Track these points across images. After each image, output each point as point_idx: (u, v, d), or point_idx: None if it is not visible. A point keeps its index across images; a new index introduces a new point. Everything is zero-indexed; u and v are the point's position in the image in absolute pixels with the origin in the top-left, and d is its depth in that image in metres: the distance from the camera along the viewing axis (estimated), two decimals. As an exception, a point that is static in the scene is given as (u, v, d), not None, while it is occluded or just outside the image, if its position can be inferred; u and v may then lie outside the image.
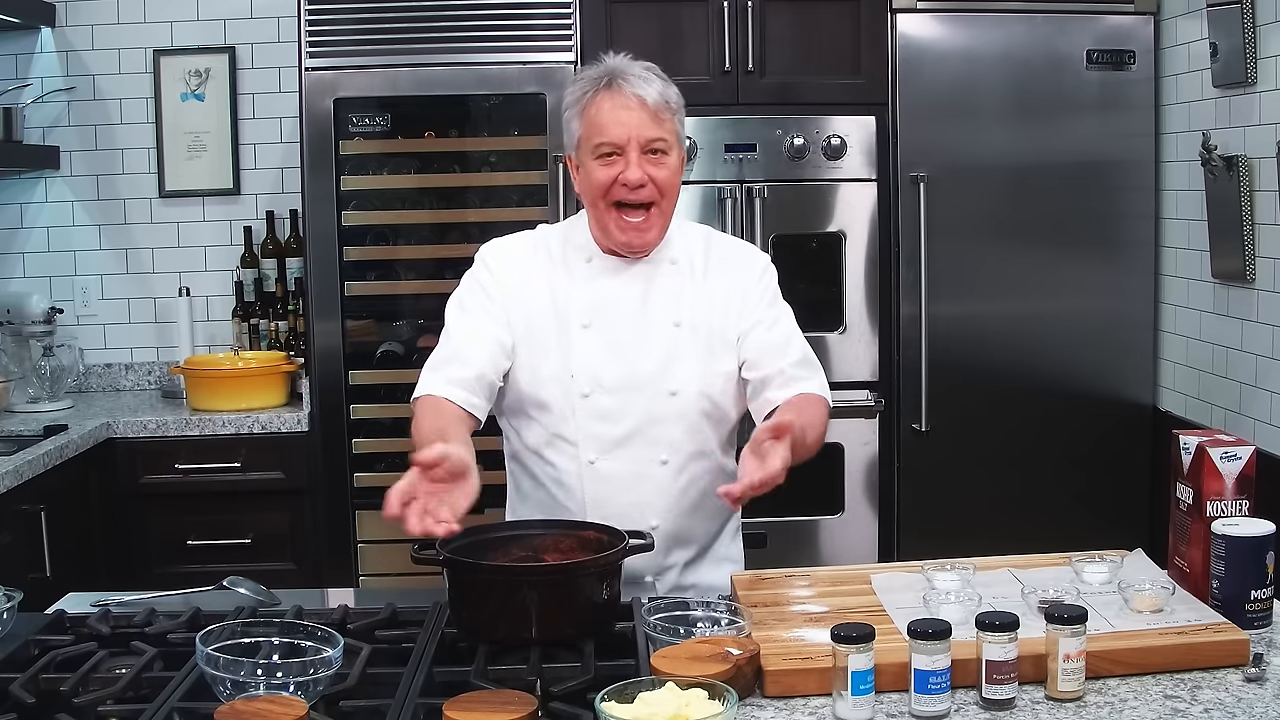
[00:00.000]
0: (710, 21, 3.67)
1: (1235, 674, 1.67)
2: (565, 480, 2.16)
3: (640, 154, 2.08)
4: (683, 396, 2.14)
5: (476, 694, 1.52)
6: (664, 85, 2.12)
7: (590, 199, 2.14)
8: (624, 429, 2.13)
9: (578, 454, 2.14)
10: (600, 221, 2.15)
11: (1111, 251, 3.80)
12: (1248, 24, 3.19)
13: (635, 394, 2.13)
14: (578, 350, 2.13)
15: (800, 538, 3.77)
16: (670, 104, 2.11)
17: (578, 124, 2.13)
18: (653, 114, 2.08)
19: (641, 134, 2.08)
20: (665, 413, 2.14)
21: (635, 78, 2.10)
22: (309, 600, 2.06)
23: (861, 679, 1.55)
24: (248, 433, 3.72)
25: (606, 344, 2.14)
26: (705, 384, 2.15)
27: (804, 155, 3.69)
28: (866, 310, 3.75)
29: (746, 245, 2.36)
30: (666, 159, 2.11)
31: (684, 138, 2.18)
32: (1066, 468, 3.80)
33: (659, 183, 2.09)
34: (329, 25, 3.63)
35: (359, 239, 3.73)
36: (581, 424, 2.13)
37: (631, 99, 2.08)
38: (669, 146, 2.11)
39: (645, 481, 2.14)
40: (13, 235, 4.26)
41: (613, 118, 2.08)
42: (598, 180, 2.10)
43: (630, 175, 2.07)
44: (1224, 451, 1.91)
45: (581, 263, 2.18)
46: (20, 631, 1.81)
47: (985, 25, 3.73)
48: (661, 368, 2.14)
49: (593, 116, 2.09)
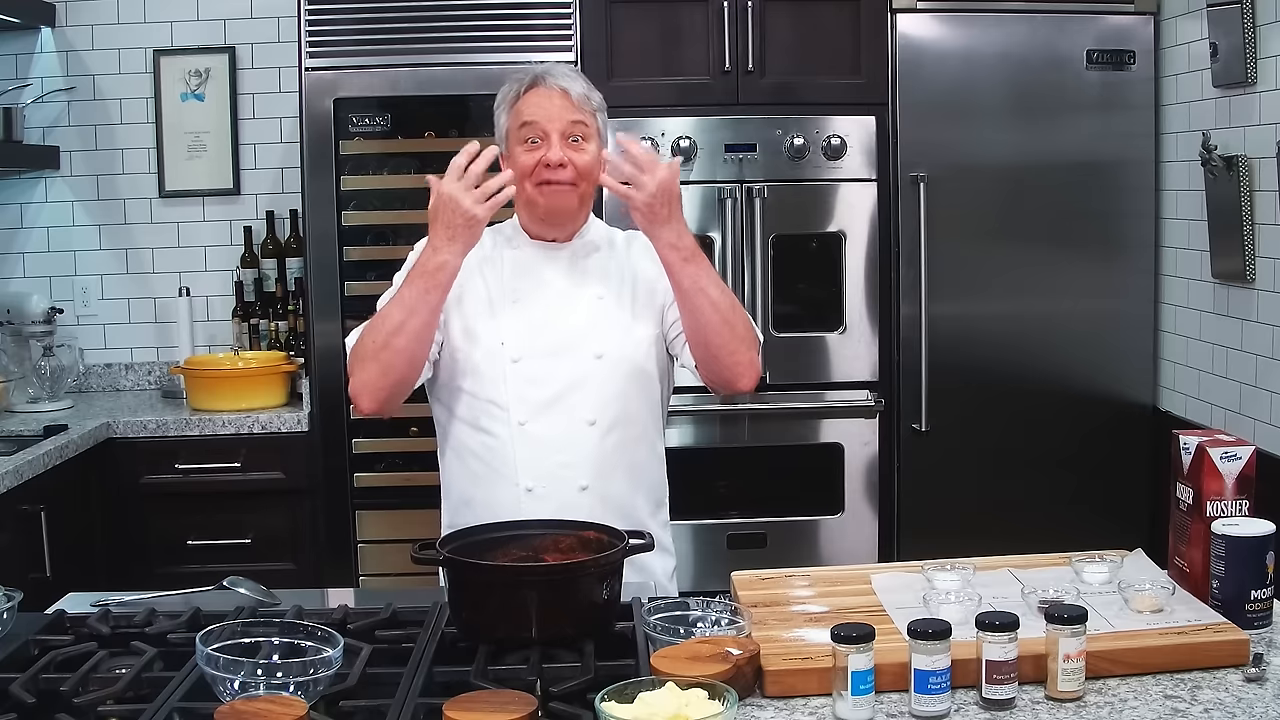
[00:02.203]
0: (710, 21, 3.67)
1: (1235, 674, 1.67)
2: (496, 446, 2.24)
3: (562, 139, 2.22)
4: (607, 359, 2.24)
5: (476, 694, 1.52)
6: (587, 86, 2.29)
7: (517, 183, 2.23)
8: (552, 391, 2.23)
9: (508, 417, 2.23)
10: (527, 201, 2.27)
11: (1111, 251, 3.80)
12: (1248, 24, 3.19)
13: (562, 358, 2.24)
14: (508, 321, 2.25)
15: (800, 538, 3.77)
16: (591, 100, 2.27)
17: (505, 117, 2.28)
18: (574, 104, 2.23)
19: (564, 117, 2.22)
20: (591, 375, 2.24)
21: (561, 76, 2.26)
22: (309, 600, 2.05)
23: (861, 679, 1.55)
24: (248, 433, 3.73)
25: (534, 315, 2.26)
26: (629, 348, 2.26)
27: (804, 155, 3.69)
28: (866, 310, 3.75)
29: None
30: (586, 145, 2.24)
31: (604, 138, 2.29)
32: (1066, 468, 3.80)
33: (578, 165, 2.22)
34: (329, 25, 3.63)
35: (359, 239, 3.73)
36: (511, 388, 2.23)
37: (555, 89, 2.24)
38: (589, 134, 2.25)
39: (574, 443, 2.23)
40: (13, 235, 4.26)
41: (536, 105, 2.23)
42: (522, 163, 2.22)
43: (552, 155, 2.20)
44: (1224, 451, 1.91)
45: (510, 250, 2.32)
46: (20, 631, 1.81)
47: (985, 25, 3.74)
48: (586, 333, 2.25)
49: (519, 108, 2.25)
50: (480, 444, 2.26)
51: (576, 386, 2.23)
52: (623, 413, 2.26)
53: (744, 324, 2.23)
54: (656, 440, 2.36)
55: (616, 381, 2.25)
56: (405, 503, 3.68)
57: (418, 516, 3.62)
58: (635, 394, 2.27)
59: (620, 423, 2.25)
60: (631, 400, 2.27)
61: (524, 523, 2.07)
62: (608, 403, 2.24)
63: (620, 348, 2.26)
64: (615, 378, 2.25)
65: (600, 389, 2.24)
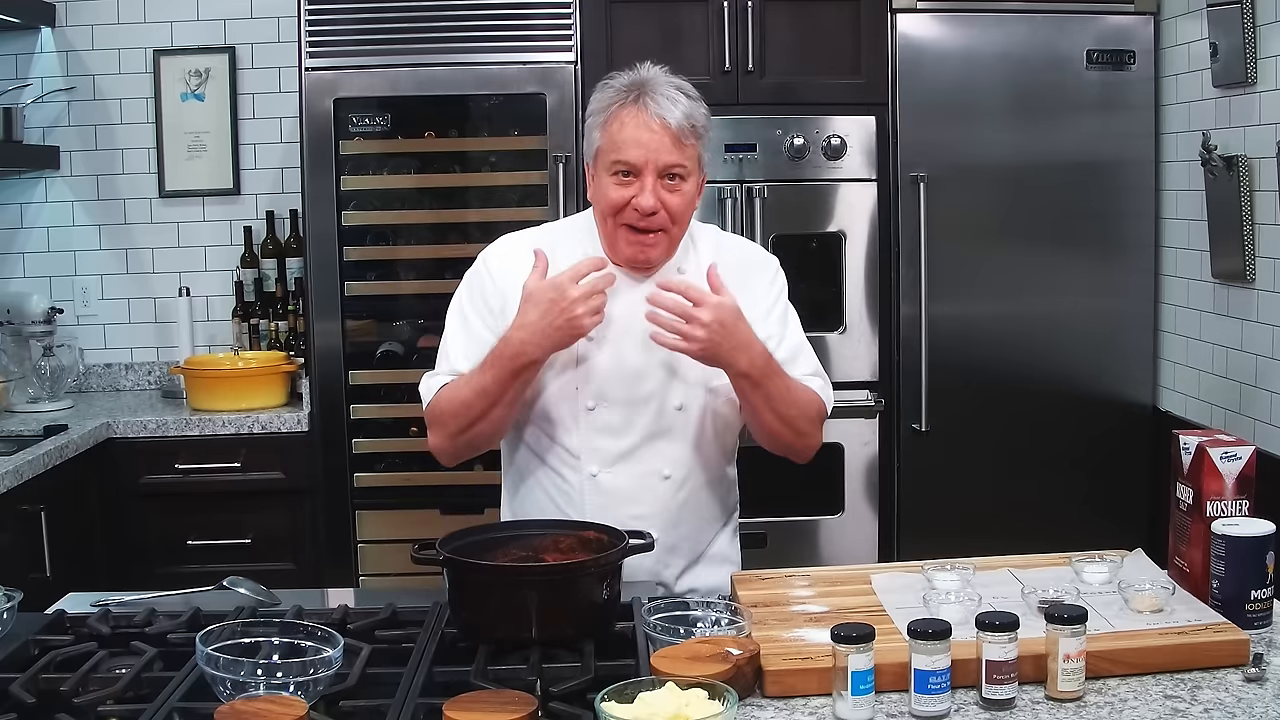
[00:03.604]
0: (710, 21, 3.67)
1: (1235, 674, 1.67)
2: (566, 490, 2.16)
3: (656, 179, 2.05)
4: (688, 412, 2.14)
5: (476, 694, 1.52)
6: (691, 106, 2.09)
7: (601, 213, 2.13)
8: (628, 443, 2.13)
9: (580, 466, 2.14)
10: (608, 236, 2.13)
11: (1111, 251, 3.80)
12: (1248, 24, 3.19)
13: (640, 409, 2.13)
14: (583, 364, 2.12)
15: (800, 538, 3.77)
16: (696, 127, 2.08)
17: (599, 135, 2.10)
18: (675, 138, 2.04)
19: (660, 159, 2.04)
20: (669, 428, 2.14)
21: (663, 97, 2.06)
22: (309, 600, 2.05)
23: (861, 679, 1.55)
24: (248, 433, 3.73)
25: (612, 358, 2.12)
26: (710, 399, 2.14)
27: (804, 155, 3.69)
28: (866, 310, 3.75)
29: (755, 249, 2.35)
30: (683, 185, 2.08)
31: (705, 160, 2.15)
32: (1066, 467, 3.80)
33: (671, 209, 2.07)
34: (329, 25, 3.63)
35: (359, 239, 3.73)
36: (585, 437, 2.13)
37: (655, 121, 2.04)
38: (687, 173, 2.08)
39: (647, 495, 2.15)
40: (13, 235, 4.26)
41: (634, 137, 2.04)
42: (610, 199, 2.08)
43: (643, 202, 2.05)
44: (1224, 451, 1.92)
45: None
46: (20, 631, 1.81)
47: (985, 25, 3.73)
48: (666, 383, 2.13)
49: (614, 132, 2.06)
50: (551, 483, 2.18)
51: (654, 439, 2.13)
52: (699, 463, 2.18)
53: (810, 419, 2.14)
54: (730, 467, 2.27)
55: (695, 433, 2.14)
56: (405, 503, 3.68)
57: (418, 516, 3.63)
58: (713, 443, 2.19)
59: (695, 471, 2.18)
60: (709, 450, 2.19)
61: (524, 523, 2.08)
62: (684, 456, 2.15)
63: (701, 398, 2.14)
64: (694, 429, 2.14)
65: (678, 442, 2.14)
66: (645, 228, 2.07)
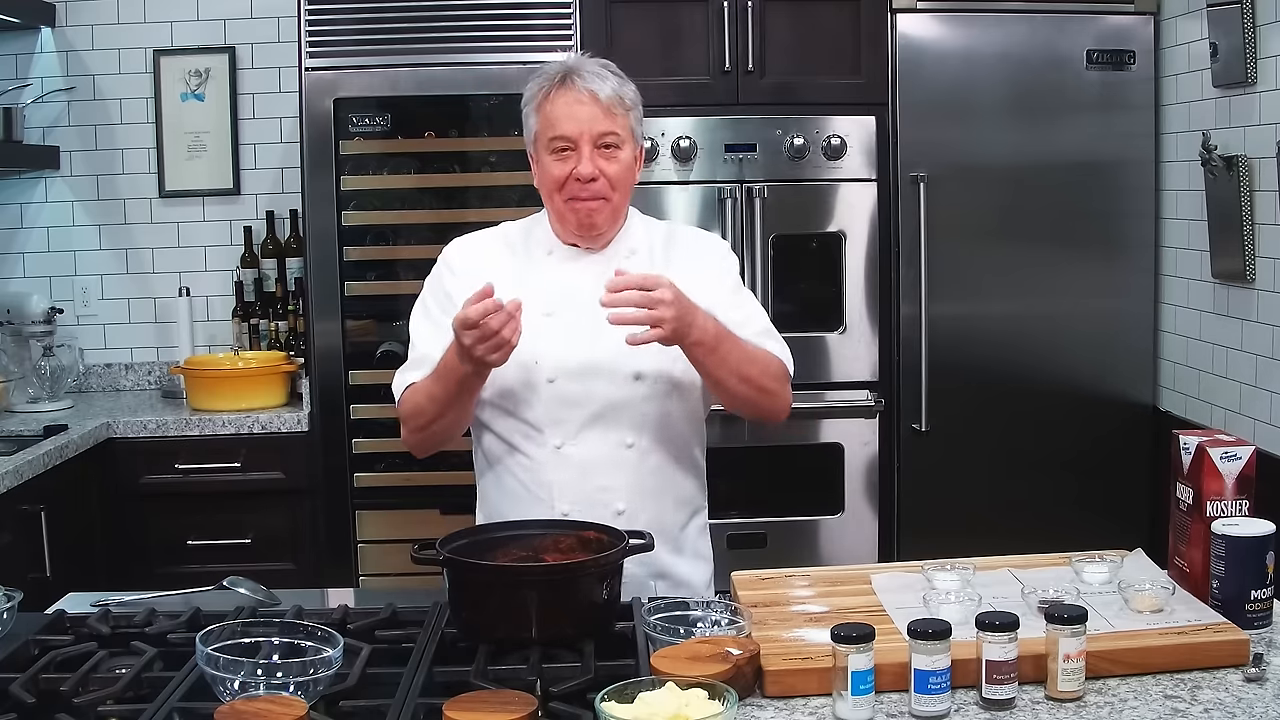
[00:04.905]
0: (710, 21, 3.67)
1: (1235, 674, 1.67)
2: (533, 467, 2.19)
3: (593, 148, 2.14)
4: (646, 379, 2.17)
5: (476, 694, 1.52)
6: (619, 82, 2.18)
7: (546, 192, 2.21)
8: (589, 413, 2.17)
9: (544, 440, 2.18)
10: (556, 212, 2.22)
11: (1111, 251, 3.80)
12: (1248, 24, 3.19)
13: (598, 378, 2.17)
14: (541, 338, 2.16)
15: (800, 538, 3.77)
16: (625, 100, 2.17)
17: (534, 119, 2.20)
18: (605, 109, 2.14)
19: (593, 128, 2.13)
20: (629, 396, 2.17)
21: (590, 74, 2.16)
22: (309, 600, 2.06)
23: (861, 679, 1.55)
24: (248, 433, 3.73)
25: (568, 330, 2.18)
26: (667, 365, 2.17)
27: (804, 155, 3.69)
28: (866, 310, 3.75)
29: (708, 235, 2.43)
30: (619, 153, 2.16)
31: (640, 135, 2.23)
32: (1067, 467, 3.80)
33: (610, 176, 2.15)
34: (329, 25, 3.63)
35: (359, 239, 3.73)
36: (547, 410, 2.17)
37: (584, 94, 2.14)
38: (621, 141, 2.16)
39: (612, 465, 2.18)
40: (13, 235, 4.26)
41: (566, 112, 2.14)
42: (552, 174, 2.16)
43: (582, 169, 2.13)
44: (1224, 451, 1.91)
45: (543, 255, 2.25)
46: (20, 631, 1.81)
47: (985, 25, 3.74)
48: (622, 351, 2.13)
49: (548, 112, 2.16)
50: (516, 463, 2.21)
51: (615, 408, 2.16)
52: (662, 432, 2.20)
53: (773, 376, 2.17)
54: (696, 449, 2.29)
55: (655, 401, 2.17)
56: (405, 503, 3.68)
57: (418, 516, 3.63)
58: (675, 410, 2.21)
59: (660, 443, 2.20)
60: (671, 418, 2.20)
61: (524, 523, 2.07)
62: (647, 424, 2.18)
63: (659, 365, 2.16)
64: (654, 397, 2.17)
65: (639, 410, 2.17)
66: (587, 195, 2.15)
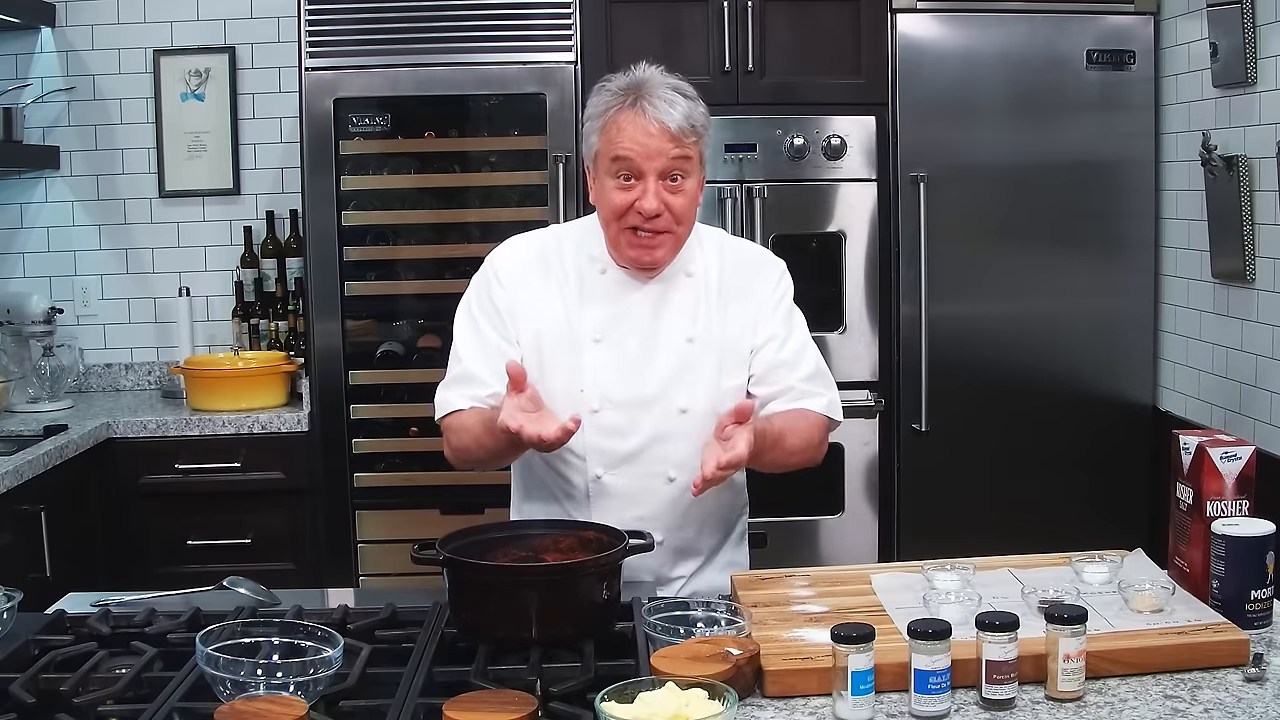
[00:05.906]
0: (710, 21, 3.67)
1: (1235, 674, 1.67)
2: (571, 493, 2.16)
3: (658, 181, 2.04)
4: (692, 414, 2.12)
5: (476, 694, 1.52)
6: (690, 106, 2.07)
7: (604, 217, 2.12)
8: (632, 445, 2.13)
9: (585, 468, 2.14)
10: (612, 240, 2.13)
11: (1111, 251, 3.80)
12: (1248, 24, 3.19)
13: (644, 410, 2.12)
14: (588, 365, 2.12)
15: (800, 538, 3.77)
16: (695, 127, 2.06)
17: (597, 139, 2.09)
18: (674, 139, 2.03)
19: (660, 162, 2.04)
20: (674, 430, 2.13)
21: (660, 99, 2.04)
22: (309, 600, 2.06)
23: (861, 679, 1.55)
24: (248, 433, 3.73)
25: (617, 359, 2.12)
26: (715, 401, 2.11)
27: (804, 155, 3.69)
28: (866, 310, 3.75)
29: (761, 251, 2.33)
30: (685, 185, 2.07)
31: (706, 157, 2.14)
32: (1067, 468, 3.80)
33: (675, 210, 2.06)
34: (329, 25, 3.63)
35: (359, 239, 3.73)
36: (589, 439, 2.12)
37: (653, 125, 2.02)
38: (689, 173, 2.08)
39: (651, 497, 2.14)
40: (13, 235, 4.26)
41: (633, 140, 2.03)
42: (613, 203, 2.07)
43: (646, 205, 2.04)
44: (1224, 451, 1.91)
45: (595, 274, 2.16)
46: (20, 631, 1.81)
47: (985, 25, 3.73)
48: (671, 384, 2.12)
49: (613, 136, 2.05)
50: (555, 484, 2.18)
51: (659, 441, 2.12)
52: None
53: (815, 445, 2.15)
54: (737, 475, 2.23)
55: (699, 435, 2.06)
56: (405, 503, 3.68)
57: (418, 516, 3.63)
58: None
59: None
60: None
61: (524, 523, 2.08)
62: (689, 458, 2.07)
63: (707, 401, 2.11)
64: (698, 431, 2.08)
65: (682, 444, 2.11)
66: (651, 230, 2.07)
